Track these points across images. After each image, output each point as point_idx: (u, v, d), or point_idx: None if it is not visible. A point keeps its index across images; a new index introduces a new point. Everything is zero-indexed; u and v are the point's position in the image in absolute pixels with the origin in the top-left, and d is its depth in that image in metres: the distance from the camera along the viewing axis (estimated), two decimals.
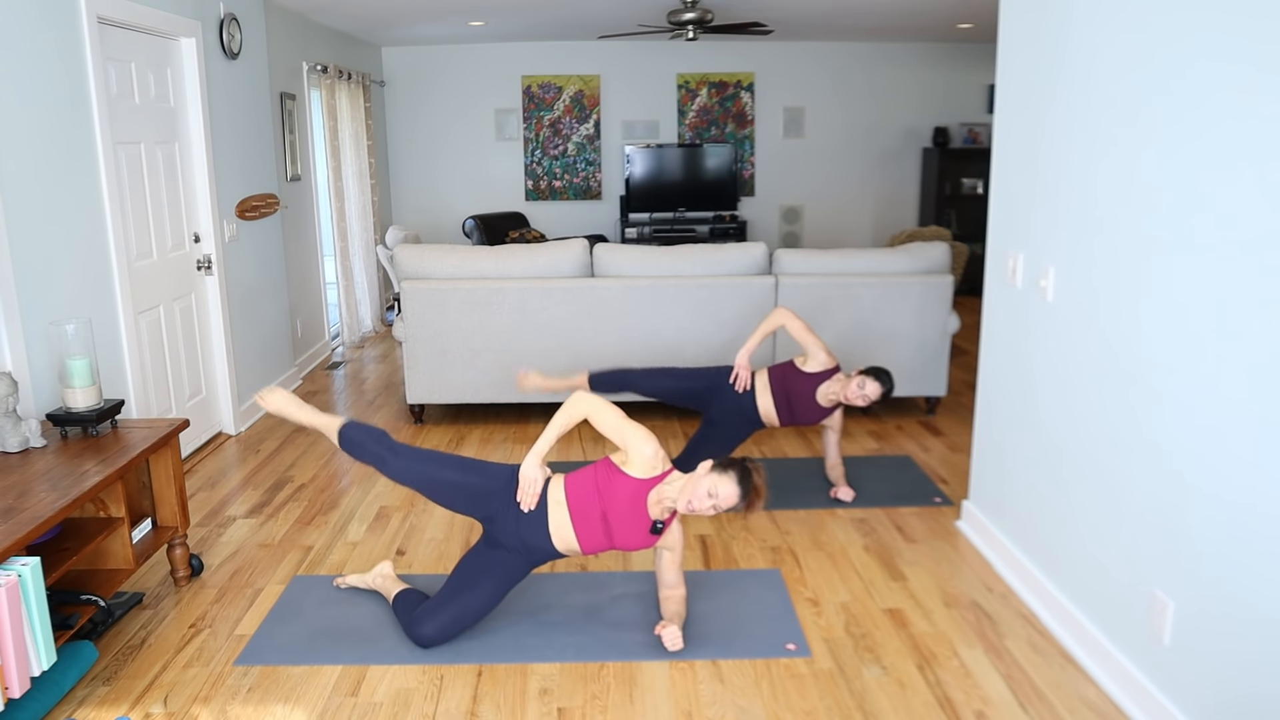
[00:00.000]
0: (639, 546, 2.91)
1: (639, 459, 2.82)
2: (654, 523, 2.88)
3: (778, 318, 4.07)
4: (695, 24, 6.61)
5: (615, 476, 2.85)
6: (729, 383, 4.15)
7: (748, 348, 4.11)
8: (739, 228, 9.06)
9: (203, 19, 4.88)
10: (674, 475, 2.85)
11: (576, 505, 2.87)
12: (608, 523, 2.87)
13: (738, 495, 2.74)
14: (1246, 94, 2.12)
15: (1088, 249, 2.85)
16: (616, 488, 2.84)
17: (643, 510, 2.85)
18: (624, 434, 2.84)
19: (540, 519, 2.90)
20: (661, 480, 2.84)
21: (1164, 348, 2.45)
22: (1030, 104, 3.23)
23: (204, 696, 2.75)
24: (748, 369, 4.13)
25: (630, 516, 2.85)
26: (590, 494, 2.87)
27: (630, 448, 2.84)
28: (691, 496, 2.75)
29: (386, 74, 9.12)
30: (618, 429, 2.84)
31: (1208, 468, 2.29)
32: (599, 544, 2.90)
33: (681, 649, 2.93)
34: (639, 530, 2.88)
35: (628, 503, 2.84)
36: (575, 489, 2.89)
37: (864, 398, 3.89)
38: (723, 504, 2.75)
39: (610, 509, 2.85)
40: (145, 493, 3.39)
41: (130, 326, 4.13)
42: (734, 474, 2.76)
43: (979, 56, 9.32)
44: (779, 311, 4.08)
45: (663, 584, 3.06)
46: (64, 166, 3.68)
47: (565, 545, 2.92)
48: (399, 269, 5.09)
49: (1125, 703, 2.63)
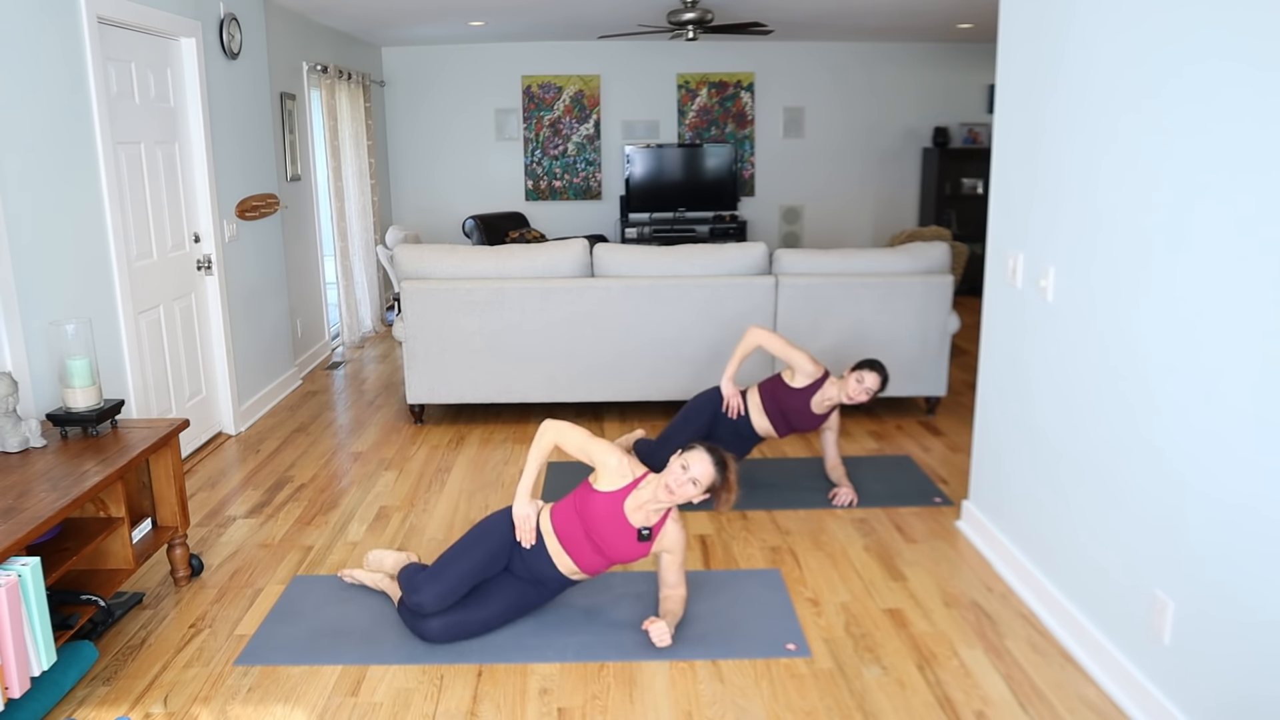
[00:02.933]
0: (634, 557, 2.98)
1: (605, 472, 2.94)
2: (639, 530, 2.94)
3: (753, 338, 4.02)
4: (695, 24, 6.61)
5: (590, 496, 2.96)
6: (722, 411, 4.14)
7: (728, 374, 4.08)
8: (739, 228, 9.06)
9: (203, 19, 4.88)
10: (648, 479, 2.94)
11: (563, 531, 2.97)
12: (593, 541, 2.95)
13: (711, 464, 2.83)
14: (1247, 92, 2.12)
15: (1088, 249, 2.85)
16: (592, 506, 2.94)
17: (622, 521, 2.93)
18: (589, 451, 2.96)
19: (542, 551, 3.01)
20: (634, 487, 2.93)
21: (1164, 347, 2.45)
22: (1030, 104, 3.23)
23: (204, 696, 2.75)
24: (736, 395, 4.11)
25: (612, 529, 2.93)
26: (571, 518, 2.97)
27: (596, 462, 2.96)
28: (668, 481, 2.84)
29: (386, 74, 9.12)
30: (582, 448, 2.97)
31: (1207, 467, 2.29)
32: (596, 564, 3.00)
33: (669, 646, 2.95)
34: (626, 540, 2.94)
35: (606, 517, 2.92)
36: (559, 517, 2.99)
37: (866, 390, 3.89)
38: (700, 478, 2.82)
39: (591, 528, 2.94)
40: (145, 493, 3.39)
41: (130, 326, 4.13)
42: (700, 447, 2.86)
43: (979, 56, 9.32)
44: (753, 331, 4.02)
45: (664, 584, 3.08)
46: (64, 166, 3.68)
47: (570, 571, 3.02)
48: (399, 269, 5.09)
49: (1125, 703, 2.63)
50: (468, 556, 2.98)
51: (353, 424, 5.35)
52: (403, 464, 4.68)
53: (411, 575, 3.08)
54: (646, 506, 2.89)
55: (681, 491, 2.83)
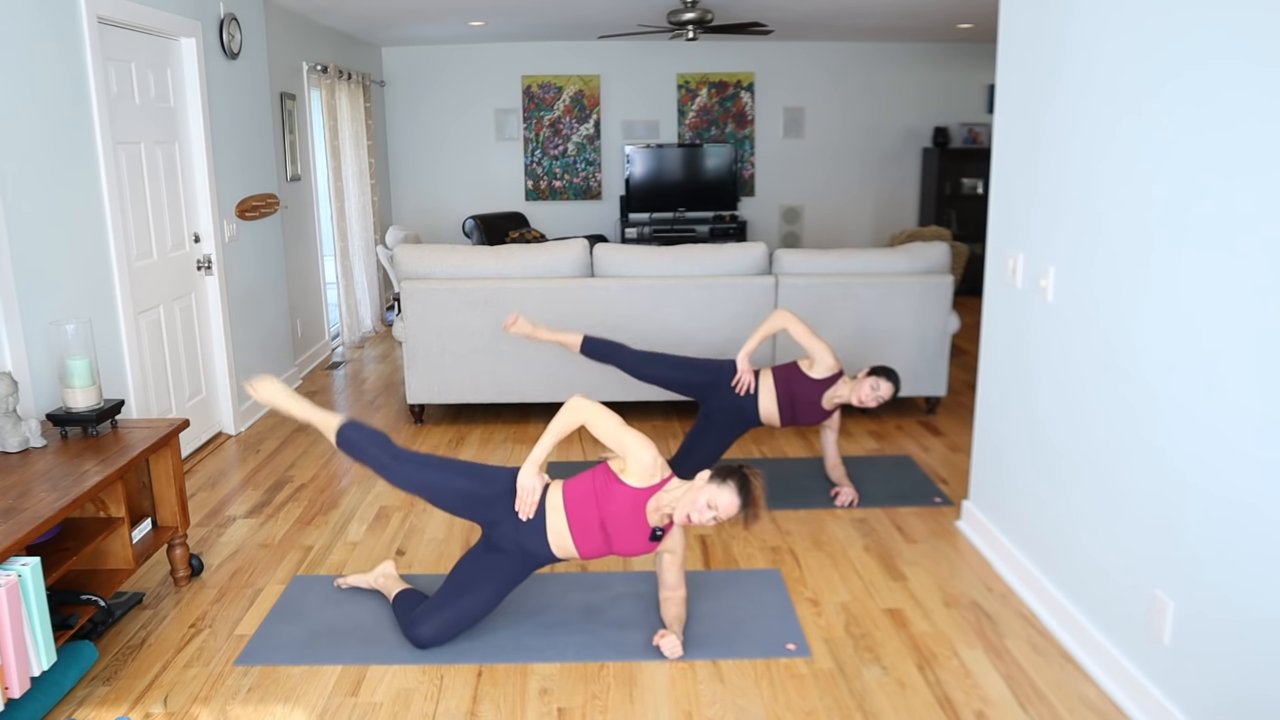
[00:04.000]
0: (638, 553, 2.91)
1: (638, 467, 2.79)
2: (653, 529, 2.87)
3: (779, 320, 3.96)
4: (695, 24, 6.61)
5: (613, 485, 2.83)
6: (730, 384, 4.11)
7: (747, 350, 4.02)
8: (739, 228, 9.06)
9: (203, 19, 4.88)
10: (673, 482, 2.83)
11: (575, 513, 2.86)
12: (606, 530, 2.85)
13: (738, 505, 2.71)
14: (1247, 91, 2.12)
15: (1088, 249, 2.85)
16: (615, 496, 2.82)
17: (642, 518, 2.84)
18: (622, 441, 2.80)
19: (539, 526, 2.90)
20: (660, 488, 2.82)
21: (1164, 347, 2.45)
22: (1030, 104, 3.23)
23: (204, 696, 2.75)
24: (750, 372, 4.06)
25: (629, 524, 2.84)
26: (589, 502, 2.85)
27: (629, 455, 2.80)
28: (690, 509, 2.72)
29: (386, 74, 9.12)
30: (616, 437, 2.81)
31: (1208, 467, 2.29)
32: (597, 550, 2.90)
33: (681, 656, 2.92)
34: (639, 537, 2.87)
35: (627, 511, 2.82)
36: (573, 496, 2.87)
37: (878, 398, 3.86)
38: (723, 515, 2.72)
39: (609, 517, 2.84)
40: (145, 493, 3.39)
41: (130, 326, 4.13)
42: (733, 483, 2.71)
43: (979, 56, 9.32)
44: (780, 313, 3.97)
45: (664, 585, 3.05)
46: (64, 166, 3.68)
47: (563, 551, 2.92)
48: (399, 269, 5.09)
49: (1125, 703, 2.63)
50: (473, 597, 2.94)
51: None
52: None
53: (409, 607, 3.05)
54: (663, 509, 2.82)
55: (700, 519, 2.73)
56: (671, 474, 2.86)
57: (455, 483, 2.94)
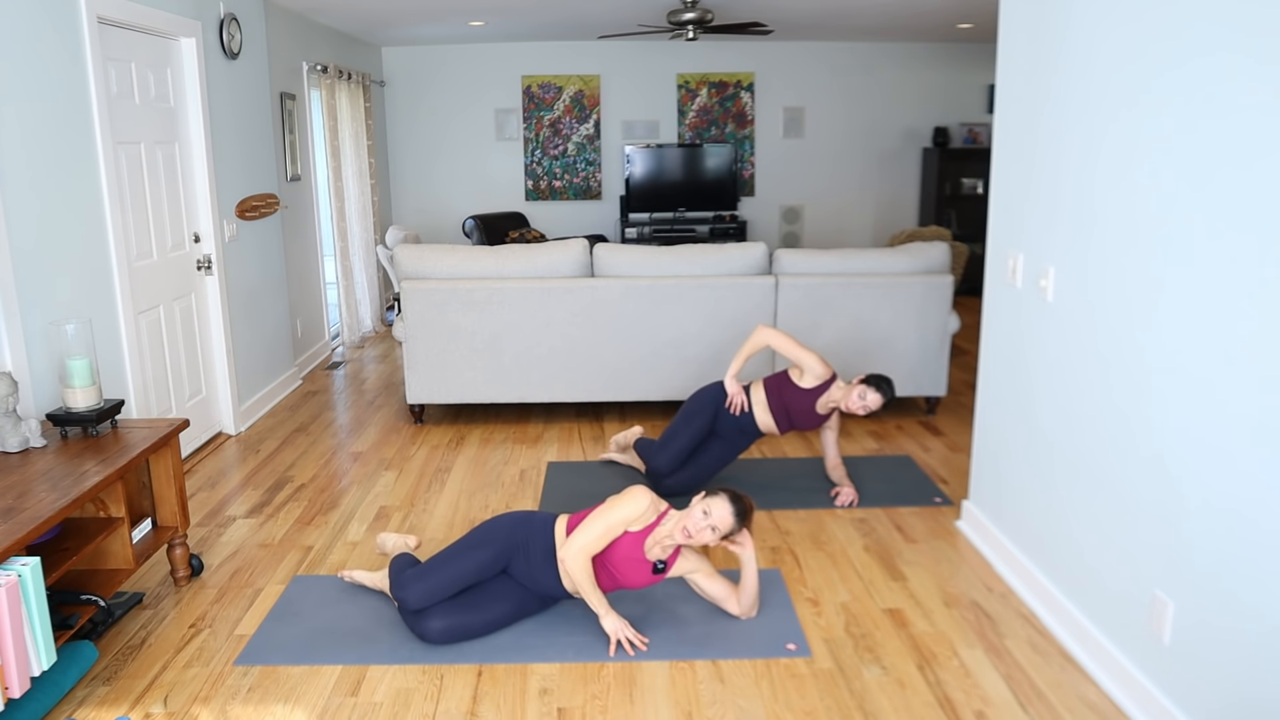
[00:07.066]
0: (644, 585, 3.03)
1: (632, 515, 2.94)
2: (655, 564, 3.00)
3: (760, 338, 3.99)
4: (695, 24, 6.61)
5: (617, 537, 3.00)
6: (725, 407, 4.13)
7: (732, 372, 4.07)
8: (739, 228, 9.06)
9: (203, 19, 4.88)
10: (669, 515, 2.97)
11: None
12: (609, 570, 3.00)
13: (732, 512, 2.87)
14: (1247, 89, 2.12)
15: (1087, 249, 2.85)
16: (616, 545, 2.98)
17: (641, 557, 2.98)
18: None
19: (550, 568, 3.03)
20: (657, 525, 2.97)
21: (1163, 347, 2.45)
22: (1030, 103, 3.23)
23: (204, 696, 2.75)
24: (740, 392, 4.09)
25: (631, 565, 2.98)
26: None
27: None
28: (687, 524, 2.88)
29: (386, 74, 9.12)
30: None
31: (1207, 467, 2.29)
32: (606, 588, 3.04)
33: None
34: (642, 574, 3.00)
35: (626, 553, 2.97)
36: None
37: (864, 407, 3.87)
38: (719, 524, 2.87)
39: (609, 559, 2.99)
40: (145, 493, 3.39)
41: (130, 326, 4.13)
42: (724, 495, 2.89)
43: (979, 56, 9.32)
44: (761, 330, 3.99)
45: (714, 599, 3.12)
46: (64, 166, 3.68)
47: (575, 590, 3.06)
48: (399, 269, 5.09)
49: (1125, 703, 2.63)
50: (463, 561, 2.99)
51: (353, 424, 5.35)
52: (403, 464, 4.68)
53: (400, 570, 3.09)
54: (663, 542, 2.95)
55: (699, 536, 2.88)
56: (668, 507, 3.01)
57: (463, 567, 3.00)
